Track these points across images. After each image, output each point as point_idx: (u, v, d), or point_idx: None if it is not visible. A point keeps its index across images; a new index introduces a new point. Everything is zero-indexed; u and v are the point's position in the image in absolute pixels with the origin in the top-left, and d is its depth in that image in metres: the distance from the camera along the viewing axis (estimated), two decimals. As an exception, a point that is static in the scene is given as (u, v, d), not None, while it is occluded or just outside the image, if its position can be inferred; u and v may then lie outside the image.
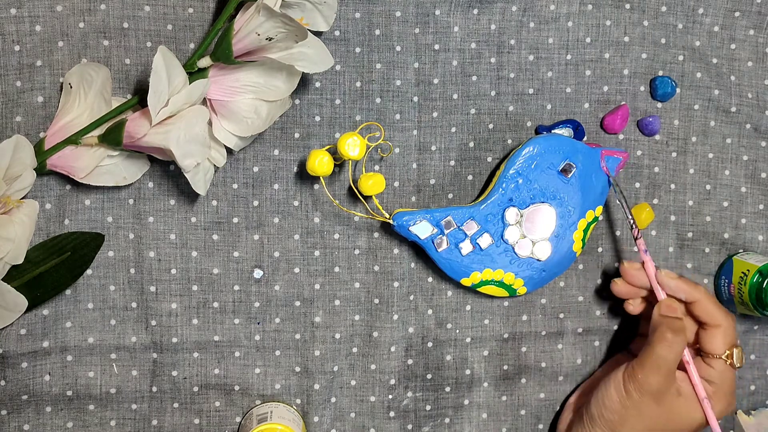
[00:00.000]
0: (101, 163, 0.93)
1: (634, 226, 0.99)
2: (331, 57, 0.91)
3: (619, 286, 1.01)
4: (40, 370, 0.98)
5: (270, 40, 0.85)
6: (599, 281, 1.06)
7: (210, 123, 0.91)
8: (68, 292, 0.97)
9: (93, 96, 0.91)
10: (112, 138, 0.90)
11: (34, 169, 0.90)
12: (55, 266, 0.94)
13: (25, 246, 0.90)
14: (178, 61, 0.87)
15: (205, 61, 0.90)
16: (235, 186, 0.99)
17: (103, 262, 0.98)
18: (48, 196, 0.96)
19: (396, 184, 1.02)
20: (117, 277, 0.98)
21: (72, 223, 0.97)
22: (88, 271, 0.98)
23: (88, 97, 0.92)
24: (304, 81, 0.98)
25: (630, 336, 1.07)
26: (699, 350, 0.98)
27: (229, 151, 0.97)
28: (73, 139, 0.91)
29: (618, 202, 1.00)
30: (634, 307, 1.02)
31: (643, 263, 0.99)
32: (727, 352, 0.96)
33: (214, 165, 0.94)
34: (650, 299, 1.01)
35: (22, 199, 0.90)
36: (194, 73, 0.91)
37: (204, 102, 0.91)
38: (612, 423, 0.96)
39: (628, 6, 1.03)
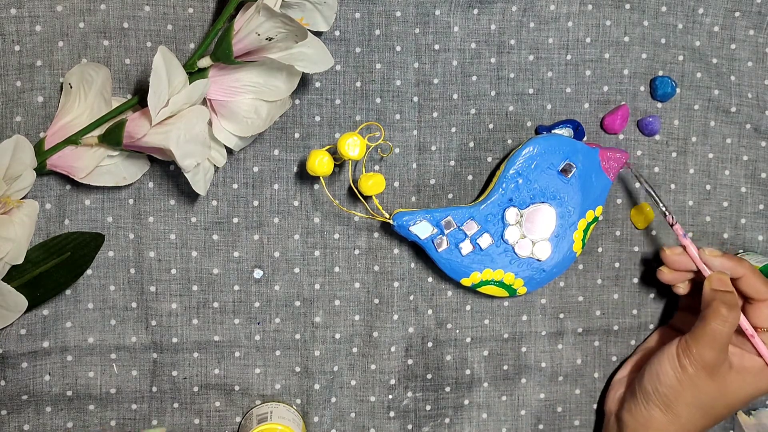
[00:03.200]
0: (101, 163, 0.93)
1: (667, 213, 0.99)
2: (331, 57, 0.91)
3: (665, 274, 1.00)
4: (40, 370, 0.98)
5: (270, 40, 0.85)
6: (599, 281, 1.06)
7: (210, 123, 0.91)
8: (68, 292, 0.98)
9: (93, 96, 0.91)
10: (112, 138, 0.90)
11: (34, 169, 0.90)
12: (55, 266, 0.94)
13: (25, 246, 0.90)
14: (178, 61, 0.87)
15: (205, 61, 0.90)
16: (235, 186, 0.99)
17: (103, 262, 0.98)
18: (48, 196, 0.96)
19: (396, 184, 1.02)
20: (117, 277, 0.98)
21: (72, 223, 0.97)
22: (88, 271, 0.98)
23: (88, 97, 0.92)
24: (304, 81, 0.98)
25: (630, 337, 1.07)
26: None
27: (229, 151, 0.97)
28: (73, 139, 0.91)
29: (646, 191, 0.99)
30: (683, 288, 1.01)
31: (684, 247, 0.99)
32: None
33: (214, 165, 0.93)
34: (696, 279, 1.01)
35: (22, 199, 0.90)
36: (194, 73, 0.91)
37: (204, 102, 0.91)
38: (667, 398, 0.96)
39: (628, 6, 1.03)
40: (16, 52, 0.93)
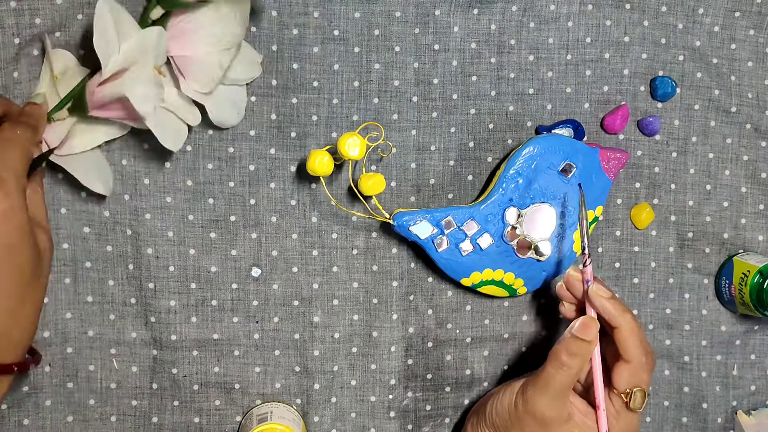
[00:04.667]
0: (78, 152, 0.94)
1: (586, 252, 0.94)
2: None
3: (559, 289, 0.97)
4: (41, 361, 0.98)
5: None
6: (599, 281, 1.06)
7: (178, 86, 0.92)
8: (68, 281, 0.98)
9: (48, 72, 0.93)
10: (78, 105, 0.90)
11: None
12: None
13: None
14: (126, 11, 0.88)
15: (157, 12, 0.90)
16: (231, 184, 0.99)
17: (102, 256, 0.99)
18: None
19: (393, 184, 1.02)
20: (116, 272, 0.99)
21: (69, 213, 0.97)
22: (87, 264, 0.98)
23: (45, 75, 0.93)
24: (302, 80, 0.99)
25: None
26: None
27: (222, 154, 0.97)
28: (47, 117, 0.92)
29: (579, 223, 0.97)
30: (566, 310, 0.96)
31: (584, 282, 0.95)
32: (627, 390, 0.91)
33: (187, 125, 0.94)
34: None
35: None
36: (150, 27, 0.91)
37: (168, 63, 0.92)
38: (497, 426, 0.95)
39: (628, 6, 1.03)
40: (15, 44, 0.94)
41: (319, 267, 1.02)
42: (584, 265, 0.94)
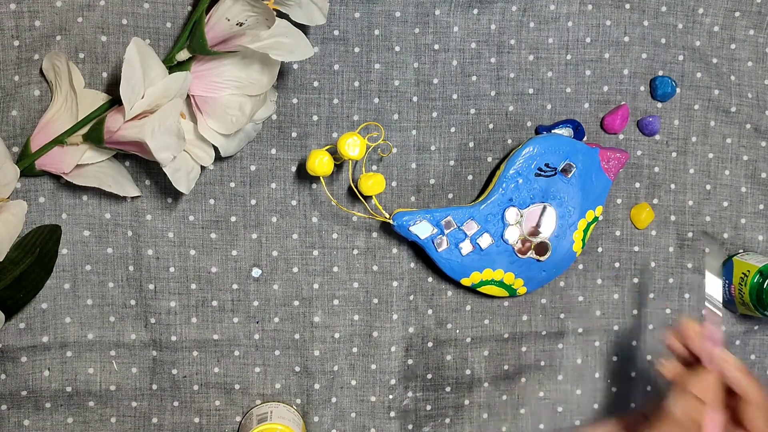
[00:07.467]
0: (86, 161, 0.93)
1: (720, 312, 0.86)
2: (311, 46, 0.90)
3: (671, 342, 0.88)
4: (40, 365, 0.98)
5: (240, 25, 0.85)
6: (599, 281, 1.06)
7: (195, 121, 0.91)
8: (67, 286, 0.98)
9: (66, 86, 0.92)
10: (94, 135, 0.90)
11: (23, 171, 0.90)
12: (31, 265, 0.92)
13: (7, 245, 0.90)
14: (154, 54, 0.87)
15: (183, 54, 0.90)
16: (232, 185, 0.99)
17: (102, 259, 0.98)
18: (42, 190, 0.96)
19: (394, 183, 1.02)
20: (116, 274, 0.99)
21: (70, 218, 0.97)
22: (87, 267, 0.98)
23: (63, 88, 0.92)
24: (302, 81, 0.99)
25: (630, 337, 1.07)
26: None
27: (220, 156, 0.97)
28: (60, 140, 0.91)
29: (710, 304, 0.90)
30: (668, 370, 0.87)
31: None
32: None
33: (200, 165, 0.93)
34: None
35: (18, 198, 0.90)
36: (175, 67, 0.91)
37: (188, 100, 0.92)
38: None
39: (628, 6, 1.03)
40: (15, 47, 0.93)
41: (320, 267, 1.02)
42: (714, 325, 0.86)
